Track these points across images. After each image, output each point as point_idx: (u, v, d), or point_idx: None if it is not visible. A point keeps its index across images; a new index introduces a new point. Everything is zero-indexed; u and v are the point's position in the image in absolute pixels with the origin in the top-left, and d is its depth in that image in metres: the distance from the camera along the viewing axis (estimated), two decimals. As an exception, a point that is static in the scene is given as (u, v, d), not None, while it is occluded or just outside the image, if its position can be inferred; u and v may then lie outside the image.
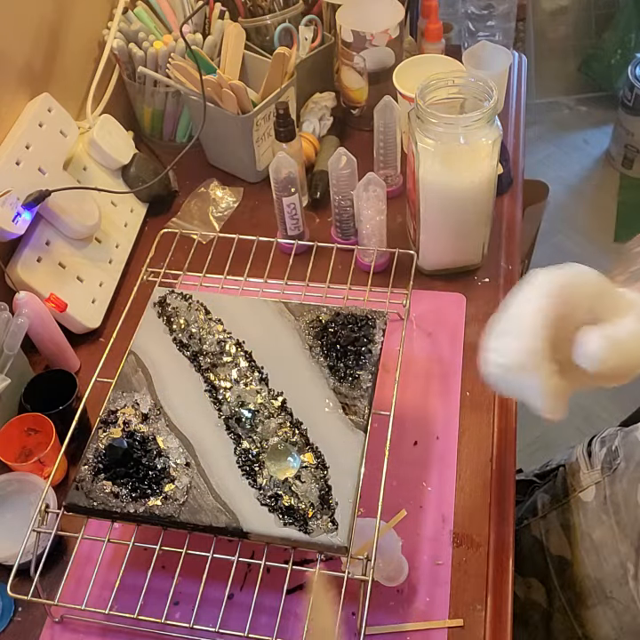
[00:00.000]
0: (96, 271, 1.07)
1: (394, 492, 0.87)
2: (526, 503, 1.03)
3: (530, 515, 1.01)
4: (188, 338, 0.85)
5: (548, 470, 1.03)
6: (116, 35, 1.16)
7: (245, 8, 1.24)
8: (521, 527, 1.01)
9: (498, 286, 1.06)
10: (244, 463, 0.75)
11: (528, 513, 1.01)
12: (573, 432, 1.92)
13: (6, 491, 0.84)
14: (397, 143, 1.13)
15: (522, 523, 1.01)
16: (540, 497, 1.00)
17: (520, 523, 1.01)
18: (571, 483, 0.95)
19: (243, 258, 0.97)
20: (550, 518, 0.97)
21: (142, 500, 0.73)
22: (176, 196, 1.23)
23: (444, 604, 0.80)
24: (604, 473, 0.90)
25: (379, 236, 1.04)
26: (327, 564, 0.82)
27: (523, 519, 1.01)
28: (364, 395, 0.79)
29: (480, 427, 0.93)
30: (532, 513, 1.00)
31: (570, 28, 2.60)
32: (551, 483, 1.00)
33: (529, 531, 1.00)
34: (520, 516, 1.02)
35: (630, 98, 2.37)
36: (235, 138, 1.16)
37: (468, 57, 1.20)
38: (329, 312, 0.86)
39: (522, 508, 1.03)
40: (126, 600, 0.77)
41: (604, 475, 0.90)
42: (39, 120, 1.00)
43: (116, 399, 0.80)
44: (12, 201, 0.93)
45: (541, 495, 1.00)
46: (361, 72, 1.22)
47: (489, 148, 0.94)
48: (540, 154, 2.60)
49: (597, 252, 2.32)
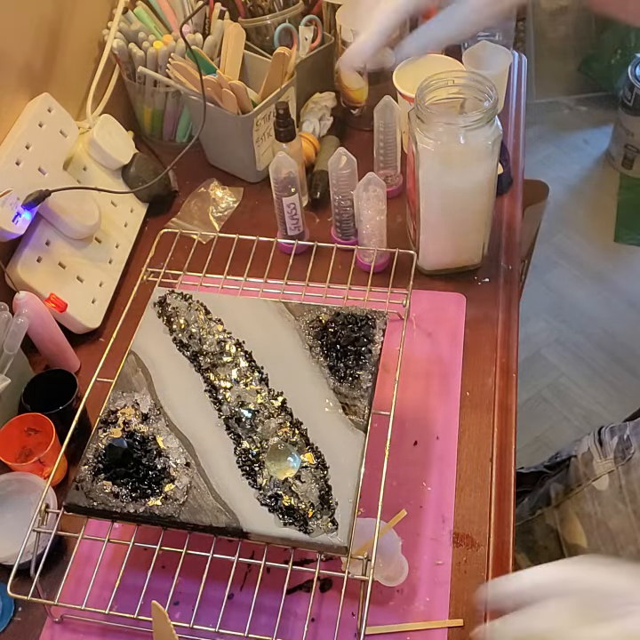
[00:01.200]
0: (96, 271, 1.07)
1: (394, 491, 0.87)
2: (538, 493, 1.03)
3: (543, 504, 1.01)
4: (188, 338, 0.85)
5: (558, 461, 1.03)
6: (116, 35, 1.16)
7: (245, 8, 1.24)
8: (535, 517, 1.01)
9: (498, 286, 1.06)
10: (243, 463, 0.75)
11: (541, 502, 1.01)
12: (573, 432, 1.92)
13: (6, 491, 0.84)
14: (397, 143, 1.13)
15: (535, 512, 1.01)
16: (552, 486, 1.00)
17: (533, 512, 1.01)
18: (584, 472, 0.96)
19: (243, 258, 0.97)
20: (564, 507, 0.97)
21: (142, 500, 0.73)
22: (176, 195, 1.23)
23: (444, 604, 0.80)
24: (617, 462, 0.91)
25: (379, 236, 1.04)
26: (327, 564, 0.82)
27: (536, 509, 1.02)
28: (364, 395, 0.79)
29: (480, 427, 0.93)
30: (546, 502, 1.00)
31: (570, 28, 2.60)
32: (563, 472, 1.00)
33: (543, 520, 1.00)
34: (533, 505, 1.02)
35: (630, 98, 2.37)
36: (235, 138, 1.16)
37: (468, 57, 1.20)
38: (329, 312, 0.86)
39: (534, 498, 1.03)
40: (126, 600, 0.77)
41: (618, 464, 0.91)
42: (39, 120, 1.00)
43: (116, 399, 0.80)
44: (12, 201, 0.93)
45: (554, 485, 1.00)
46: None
47: (489, 148, 0.94)
48: (540, 154, 2.60)
49: (597, 252, 2.32)
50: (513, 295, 1.06)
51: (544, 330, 2.15)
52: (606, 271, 2.27)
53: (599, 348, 2.10)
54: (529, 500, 1.04)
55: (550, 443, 1.90)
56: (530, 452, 1.88)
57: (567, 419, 1.94)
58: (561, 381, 2.03)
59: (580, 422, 1.94)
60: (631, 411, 1.22)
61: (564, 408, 1.97)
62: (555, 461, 1.04)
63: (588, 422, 1.93)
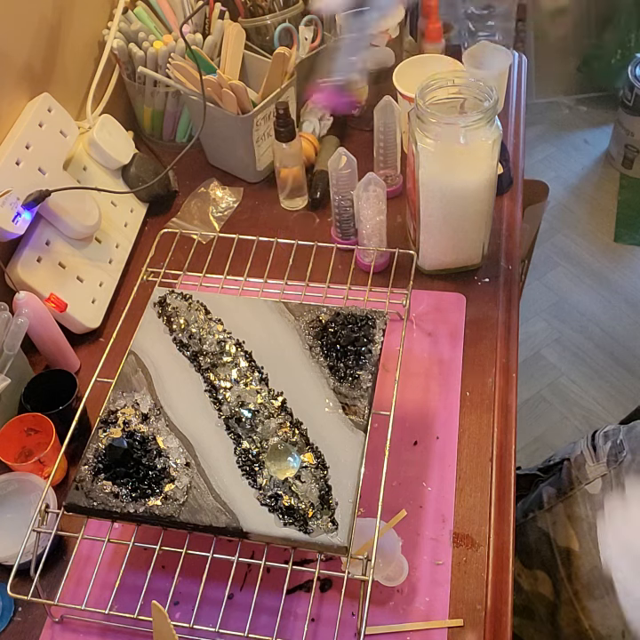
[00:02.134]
0: (96, 271, 1.07)
1: (394, 491, 0.87)
2: (531, 496, 1.03)
3: (536, 507, 1.01)
4: (188, 338, 0.85)
5: (551, 465, 1.03)
6: (115, 35, 1.16)
7: (245, 8, 1.24)
8: (527, 520, 1.01)
9: (498, 286, 1.06)
10: (244, 463, 0.75)
11: (534, 506, 1.01)
12: (573, 432, 1.92)
13: (6, 491, 0.84)
14: (397, 143, 1.13)
15: (527, 516, 1.02)
16: (545, 490, 1.01)
17: (526, 516, 1.02)
18: (576, 476, 0.96)
19: (243, 258, 0.97)
20: (556, 511, 0.97)
21: (142, 500, 0.73)
22: (176, 196, 1.23)
23: (444, 604, 0.80)
24: (609, 466, 0.91)
25: (379, 236, 1.04)
26: (327, 564, 0.82)
27: (528, 512, 1.02)
28: (364, 395, 0.79)
29: (480, 427, 0.93)
30: (538, 506, 1.01)
31: (570, 28, 2.60)
32: (556, 476, 1.00)
33: (535, 523, 1.00)
34: (525, 509, 1.02)
35: (630, 98, 2.37)
36: (235, 138, 1.16)
37: (468, 57, 1.20)
38: (329, 312, 0.86)
39: (526, 502, 1.04)
40: (126, 600, 0.77)
41: (610, 467, 0.91)
42: (39, 120, 1.00)
43: (116, 399, 0.80)
44: (12, 201, 0.93)
45: (546, 488, 1.01)
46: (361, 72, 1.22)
47: (489, 148, 0.94)
48: (539, 154, 2.60)
49: (597, 251, 2.32)
50: (513, 295, 1.06)
51: (544, 330, 2.15)
52: (606, 271, 2.27)
53: (599, 348, 2.10)
54: (522, 504, 1.04)
55: (550, 443, 1.90)
56: (530, 452, 1.88)
57: (567, 419, 1.94)
58: (561, 381, 2.03)
59: (580, 422, 1.94)
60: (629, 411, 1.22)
61: (564, 408, 1.97)
62: (548, 464, 1.05)
63: (588, 422, 1.93)
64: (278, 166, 1.14)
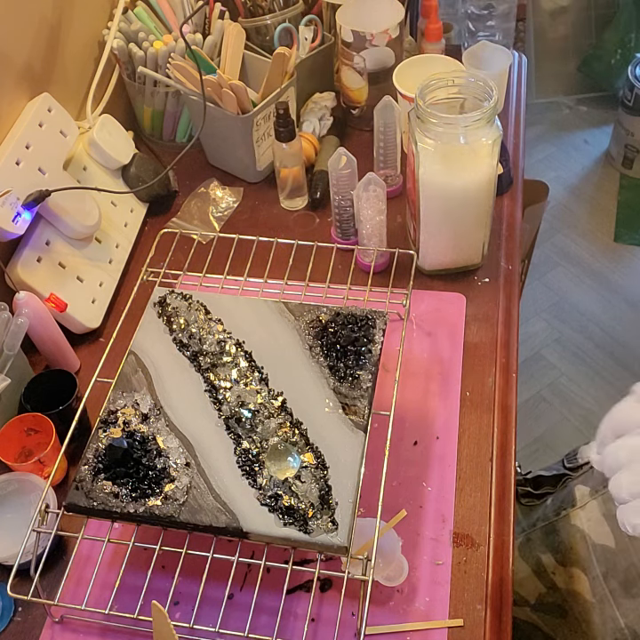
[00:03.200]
0: (96, 271, 1.07)
1: (394, 491, 0.87)
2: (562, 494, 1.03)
3: (568, 506, 1.00)
4: (188, 338, 0.85)
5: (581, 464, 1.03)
6: (115, 35, 1.16)
7: (245, 8, 1.24)
8: (559, 518, 1.01)
9: (498, 286, 1.06)
10: (244, 463, 0.75)
11: (566, 504, 1.01)
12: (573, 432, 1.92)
13: (6, 491, 0.84)
14: (397, 143, 1.13)
15: (560, 513, 1.01)
16: (577, 488, 1.00)
17: (558, 513, 1.01)
18: None
19: (243, 258, 0.97)
20: (590, 508, 0.97)
21: (142, 499, 0.73)
22: (176, 196, 1.23)
23: (444, 604, 0.80)
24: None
25: (379, 236, 1.04)
26: (327, 564, 0.82)
27: (560, 510, 1.01)
28: (364, 395, 0.79)
29: (480, 427, 0.93)
30: (571, 504, 1.00)
31: (570, 28, 2.60)
32: (588, 474, 0.99)
33: (568, 521, 1.00)
34: (557, 507, 1.02)
35: (630, 98, 2.37)
36: (235, 138, 1.16)
37: (468, 57, 1.20)
38: (329, 312, 0.86)
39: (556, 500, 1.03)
40: (126, 600, 0.77)
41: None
42: (39, 120, 1.00)
43: (116, 399, 0.80)
44: (12, 201, 0.93)
45: (579, 486, 1.00)
46: (361, 72, 1.22)
47: (489, 148, 0.94)
48: (539, 154, 2.60)
49: (597, 251, 2.33)
50: (513, 295, 1.06)
51: (544, 330, 2.15)
52: (606, 271, 2.27)
53: (599, 347, 2.10)
54: (552, 502, 1.04)
55: (550, 443, 1.90)
56: (530, 452, 1.88)
57: (567, 419, 1.94)
58: (561, 381, 2.03)
59: (580, 422, 1.94)
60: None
61: (564, 408, 1.97)
62: (577, 464, 1.04)
63: (588, 422, 1.93)
64: (278, 166, 1.14)
